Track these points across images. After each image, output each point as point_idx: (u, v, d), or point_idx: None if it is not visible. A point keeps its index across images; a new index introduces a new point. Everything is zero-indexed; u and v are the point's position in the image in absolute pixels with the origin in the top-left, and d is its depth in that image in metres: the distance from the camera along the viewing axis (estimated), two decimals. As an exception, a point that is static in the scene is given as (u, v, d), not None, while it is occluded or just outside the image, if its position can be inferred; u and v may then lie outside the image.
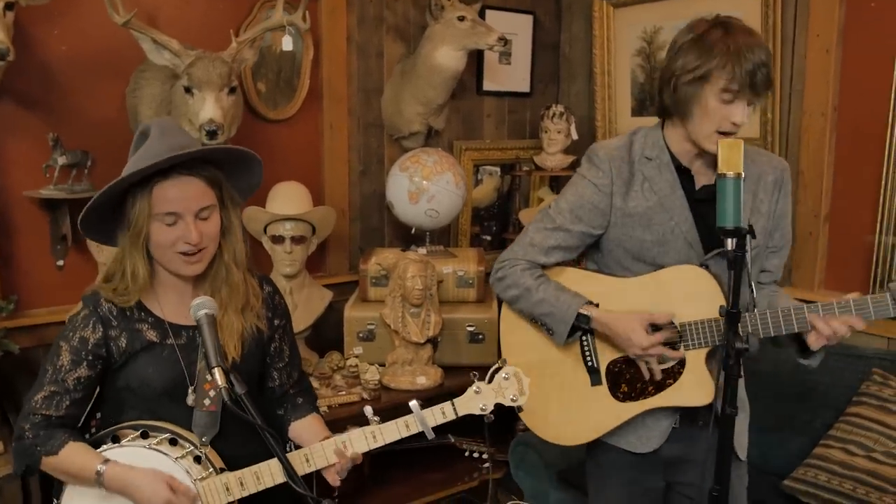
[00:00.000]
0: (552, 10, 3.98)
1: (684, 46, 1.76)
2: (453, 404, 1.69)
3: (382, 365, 2.90)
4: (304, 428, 1.81)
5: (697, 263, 1.83)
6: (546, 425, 2.04)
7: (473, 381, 1.71)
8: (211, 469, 1.61)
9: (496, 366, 1.75)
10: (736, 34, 1.71)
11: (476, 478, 3.04)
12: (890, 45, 2.72)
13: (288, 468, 1.41)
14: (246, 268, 1.76)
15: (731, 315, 1.58)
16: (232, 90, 2.45)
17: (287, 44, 2.58)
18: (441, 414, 1.67)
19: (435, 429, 1.70)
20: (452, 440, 3.08)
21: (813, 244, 3.00)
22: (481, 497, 3.04)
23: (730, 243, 1.57)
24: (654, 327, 1.82)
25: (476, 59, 3.70)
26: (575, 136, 3.62)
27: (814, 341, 1.71)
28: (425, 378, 2.84)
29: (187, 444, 1.59)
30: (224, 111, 2.40)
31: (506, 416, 3.21)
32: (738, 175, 1.58)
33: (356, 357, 2.93)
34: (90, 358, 1.66)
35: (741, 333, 1.59)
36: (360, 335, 3.00)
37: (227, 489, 1.57)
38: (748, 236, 1.65)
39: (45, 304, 2.74)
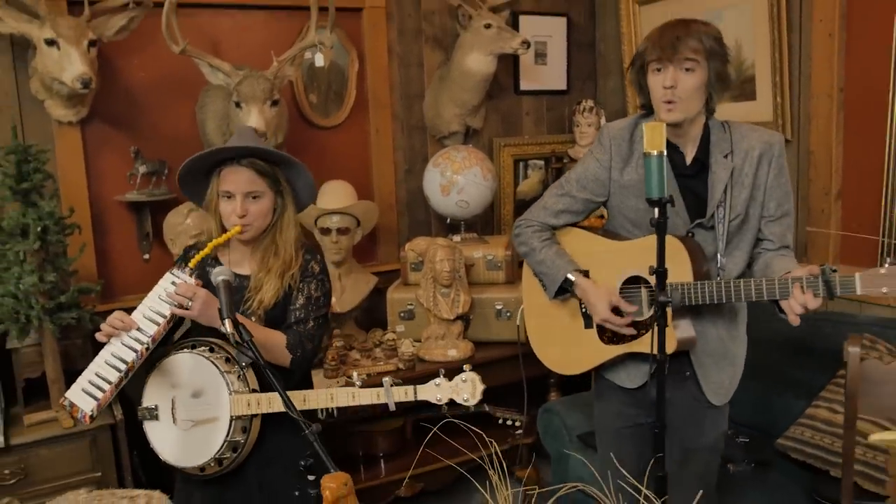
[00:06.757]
0: (586, 11, 4.23)
1: None
2: (415, 389, 1.99)
3: (419, 341, 3.26)
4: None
5: (684, 231, 2.09)
6: (549, 356, 2.38)
7: (438, 375, 2.01)
8: (247, 387, 2.00)
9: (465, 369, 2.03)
10: (668, 23, 2.02)
11: (509, 442, 3.35)
12: (889, 26, 2.84)
13: (285, 399, 1.77)
14: (295, 244, 2.16)
15: (659, 274, 1.84)
16: (274, 103, 2.87)
17: (318, 60, 2.98)
18: (404, 393, 1.99)
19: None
20: (487, 409, 3.41)
21: (826, 221, 3.13)
22: (511, 458, 3.33)
23: (655, 212, 1.83)
24: (628, 285, 2.13)
25: (512, 61, 4.00)
26: (606, 129, 3.86)
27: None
28: (456, 351, 3.18)
29: (235, 365, 1.99)
30: (267, 121, 2.82)
31: (539, 388, 3.54)
32: (661, 153, 1.82)
33: (395, 333, 3.30)
34: None
35: (698, 299, 1.94)
36: (402, 314, 3.37)
37: (249, 404, 1.97)
38: (722, 207, 2.04)
39: (134, 291, 3.25)
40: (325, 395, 2.01)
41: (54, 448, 2.63)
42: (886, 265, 1.77)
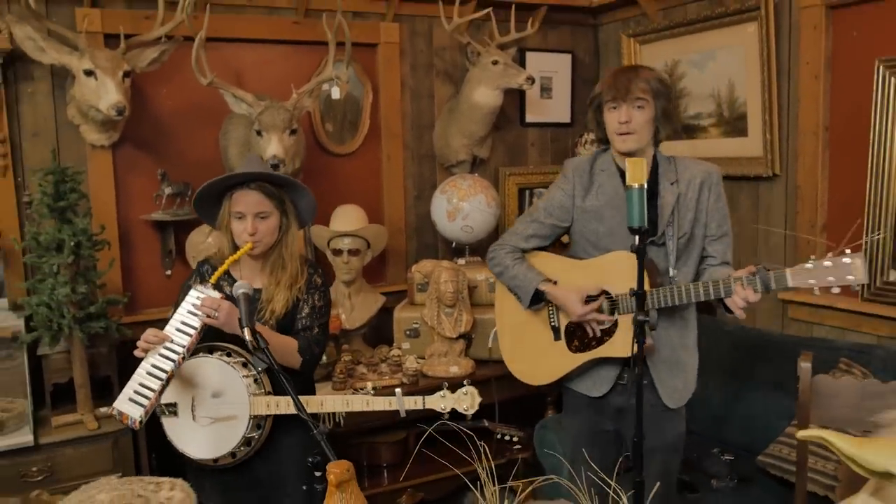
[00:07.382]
0: (590, 48, 4.45)
1: None
2: (423, 399, 2.21)
3: (423, 357, 3.43)
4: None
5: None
6: (522, 369, 2.63)
7: (443, 388, 2.24)
8: (262, 389, 2.21)
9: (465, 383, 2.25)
10: (620, 69, 2.34)
11: (507, 456, 3.51)
12: (871, 69, 3.02)
13: (296, 401, 1.95)
14: (299, 258, 2.40)
15: (639, 295, 2.01)
16: (293, 132, 3.09)
17: (335, 93, 3.19)
18: (414, 402, 2.21)
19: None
20: (486, 424, 3.57)
21: (811, 252, 3.29)
22: (508, 471, 3.48)
23: (637, 239, 2.01)
24: (591, 298, 2.36)
25: (519, 95, 4.21)
26: (607, 160, 4.06)
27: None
28: (457, 368, 3.35)
29: (252, 369, 2.19)
30: (286, 148, 3.03)
31: (536, 405, 3.69)
32: (642, 186, 2.01)
33: (400, 350, 3.47)
34: None
35: (654, 303, 2.19)
36: (407, 332, 3.55)
37: (268, 405, 2.18)
38: (671, 227, 2.29)
39: (157, 304, 3.46)
40: (340, 401, 2.19)
41: (79, 448, 2.82)
42: (811, 260, 2.02)
